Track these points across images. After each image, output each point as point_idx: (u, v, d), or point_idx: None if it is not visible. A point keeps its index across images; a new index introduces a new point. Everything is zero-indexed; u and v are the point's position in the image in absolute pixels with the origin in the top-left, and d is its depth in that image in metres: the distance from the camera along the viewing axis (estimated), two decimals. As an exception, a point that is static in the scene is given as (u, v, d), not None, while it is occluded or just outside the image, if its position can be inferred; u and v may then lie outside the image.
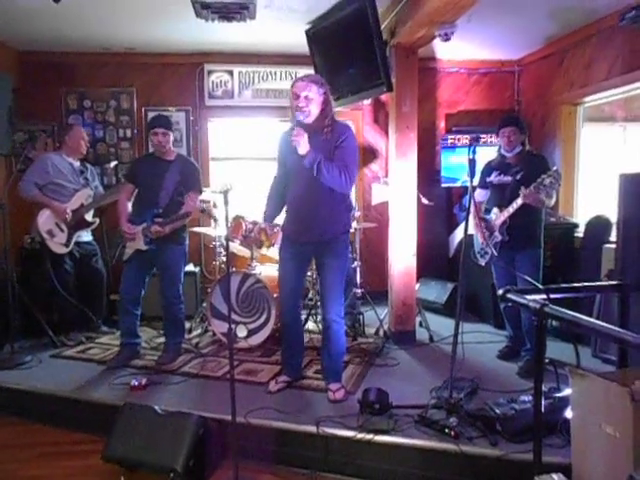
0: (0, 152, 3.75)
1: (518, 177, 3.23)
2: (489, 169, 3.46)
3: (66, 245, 3.91)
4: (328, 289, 2.91)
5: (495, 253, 3.28)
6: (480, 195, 3.50)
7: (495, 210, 3.31)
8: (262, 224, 3.07)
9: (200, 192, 3.58)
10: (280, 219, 3.11)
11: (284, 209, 3.03)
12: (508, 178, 3.30)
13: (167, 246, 3.42)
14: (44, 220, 3.86)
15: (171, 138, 3.47)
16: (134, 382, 3.05)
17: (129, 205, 3.53)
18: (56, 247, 3.89)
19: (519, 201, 3.06)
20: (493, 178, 3.41)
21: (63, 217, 3.87)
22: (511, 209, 3.14)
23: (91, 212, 4.06)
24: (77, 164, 4.06)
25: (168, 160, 3.47)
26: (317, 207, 2.78)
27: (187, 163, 3.56)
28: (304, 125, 2.71)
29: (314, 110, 2.71)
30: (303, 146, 2.62)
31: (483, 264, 3.44)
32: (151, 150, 3.68)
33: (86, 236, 4.12)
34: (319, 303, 3.92)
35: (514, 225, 3.18)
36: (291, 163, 2.84)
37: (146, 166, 3.51)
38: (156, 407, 2.55)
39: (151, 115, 4.55)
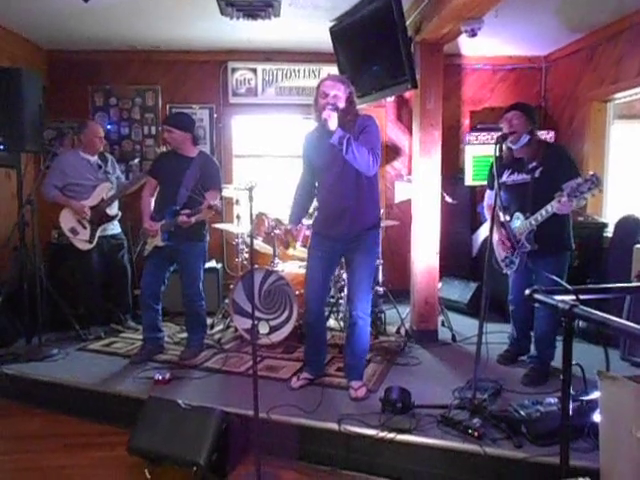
0: (31, 150, 3.81)
1: (537, 174, 2.91)
2: (499, 168, 3.03)
3: (90, 241, 3.96)
4: (356, 286, 2.90)
5: (523, 264, 3.01)
6: (490, 197, 3.21)
7: (518, 215, 2.97)
8: (288, 226, 3.08)
9: (220, 190, 3.57)
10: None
11: (313, 208, 3.05)
12: (524, 177, 2.97)
13: (187, 243, 3.43)
14: (65, 219, 3.94)
15: (178, 136, 3.39)
16: (158, 376, 3.09)
17: (152, 201, 3.56)
18: (80, 244, 3.95)
19: (549, 209, 2.72)
20: (506, 178, 3.07)
21: (82, 215, 3.93)
22: (539, 217, 2.80)
23: (115, 204, 4.10)
24: (94, 159, 4.07)
25: (189, 157, 3.47)
26: (345, 202, 2.82)
27: (207, 161, 3.54)
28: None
29: (341, 107, 2.76)
30: (333, 121, 2.65)
31: (509, 273, 3.18)
32: None
33: (112, 229, 4.15)
34: (341, 300, 3.93)
35: (542, 231, 2.86)
36: (318, 162, 2.88)
37: (168, 162, 3.51)
38: (180, 401, 2.58)
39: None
